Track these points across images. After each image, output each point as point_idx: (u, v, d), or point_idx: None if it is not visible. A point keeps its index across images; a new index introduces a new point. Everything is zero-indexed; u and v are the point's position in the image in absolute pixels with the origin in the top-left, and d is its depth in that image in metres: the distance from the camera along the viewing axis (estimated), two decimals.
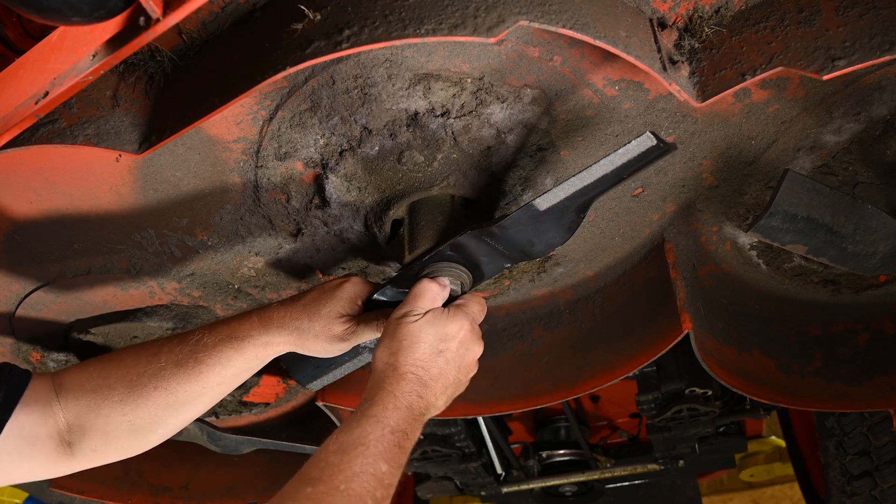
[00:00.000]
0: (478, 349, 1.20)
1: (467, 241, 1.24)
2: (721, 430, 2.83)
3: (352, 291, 1.24)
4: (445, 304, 1.21)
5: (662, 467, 2.99)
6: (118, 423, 1.16)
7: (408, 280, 1.30)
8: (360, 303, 1.25)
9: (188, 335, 1.21)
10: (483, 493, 3.12)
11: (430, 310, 1.16)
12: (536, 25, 0.98)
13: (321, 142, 1.31)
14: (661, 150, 1.09)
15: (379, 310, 1.25)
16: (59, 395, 1.15)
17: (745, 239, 1.59)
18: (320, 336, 1.21)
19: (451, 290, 1.24)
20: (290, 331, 1.21)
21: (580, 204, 1.18)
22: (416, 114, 1.25)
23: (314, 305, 1.22)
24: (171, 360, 1.18)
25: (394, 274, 1.37)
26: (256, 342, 1.20)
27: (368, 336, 1.24)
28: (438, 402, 1.14)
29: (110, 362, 1.20)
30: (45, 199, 1.39)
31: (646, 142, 1.08)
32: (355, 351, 1.40)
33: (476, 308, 1.21)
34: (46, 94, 1.02)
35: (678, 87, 1.10)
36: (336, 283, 1.26)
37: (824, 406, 1.70)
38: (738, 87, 1.09)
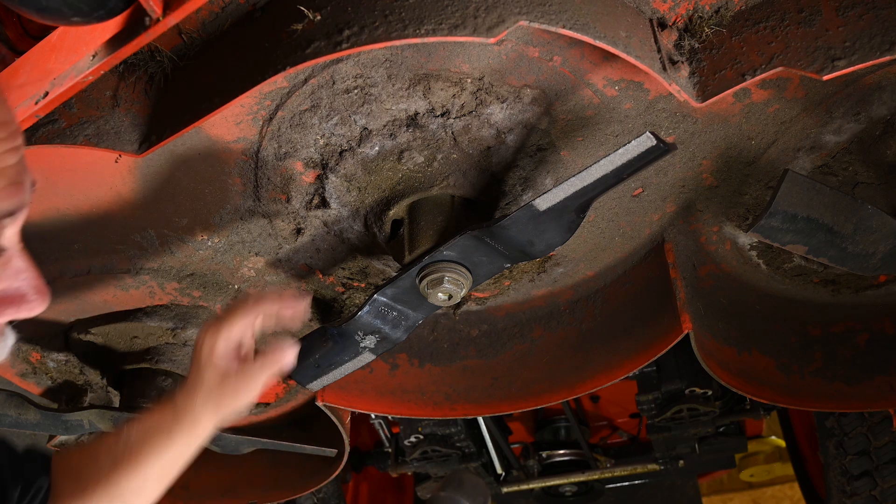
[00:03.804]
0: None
1: (467, 241, 1.24)
2: (721, 430, 2.83)
3: (209, 343, 1.18)
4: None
5: (662, 467, 2.99)
6: None
7: (406, 283, 1.30)
8: (222, 345, 1.19)
9: (120, 432, 1.20)
10: None
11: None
12: (536, 25, 0.98)
13: (321, 142, 1.31)
14: (661, 150, 1.09)
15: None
16: None
17: (745, 239, 1.59)
18: (226, 408, 1.19)
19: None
20: (204, 417, 1.18)
21: (580, 204, 1.18)
22: (416, 114, 1.25)
23: (200, 383, 1.17)
24: (109, 458, 1.17)
25: (394, 274, 1.37)
26: (185, 423, 1.17)
27: (255, 384, 1.19)
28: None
29: (61, 470, 1.21)
30: (45, 199, 1.39)
31: (646, 142, 1.08)
32: (355, 351, 1.40)
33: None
34: (46, 94, 1.02)
35: (678, 87, 1.10)
36: (196, 345, 1.21)
37: (824, 406, 1.70)
38: (738, 88, 1.09)
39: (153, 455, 1.17)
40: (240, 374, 1.17)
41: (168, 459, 1.18)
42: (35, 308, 0.77)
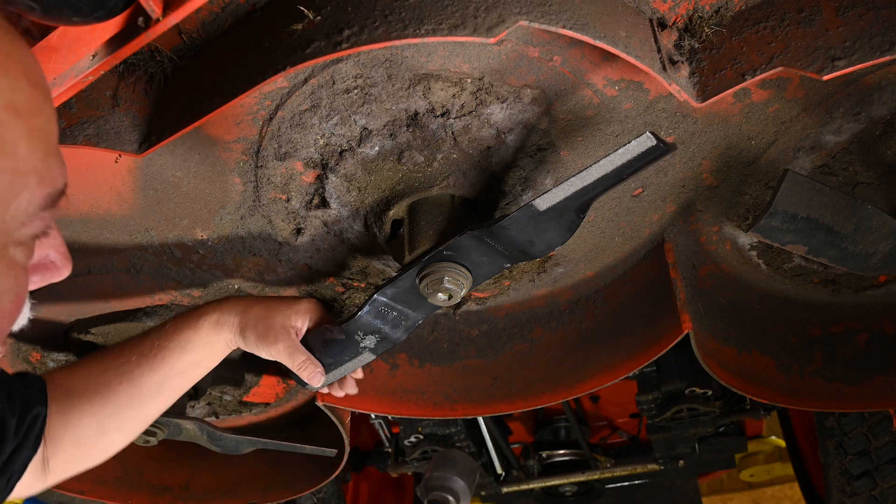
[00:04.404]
0: None
1: (467, 241, 1.24)
2: (721, 430, 2.83)
3: (305, 311, 1.34)
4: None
5: (662, 467, 2.99)
6: (87, 425, 1.17)
7: (406, 283, 1.30)
8: (306, 325, 1.34)
9: (154, 327, 1.27)
10: (483, 493, 3.12)
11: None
12: (536, 25, 0.98)
13: (321, 142, 1.31)
14: (661, 150, 1.09)
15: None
16: None
17: (745, 239, 1.59)
18: (259, 331, 1.30)
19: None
20: (239, 314, 1.29)
21: (580, 204, 1.18)
22: (416, 114, 1.25)
23: (270, 307, 1.31)
24: (136, 351, 1.22)
25: (394, 274, 1.37)
26: (209, 319, 1.26)
27: (284, 360, 1.33)
28: None
29: (76, 366, 1.22)
30: None
31: (646, 142, 1.08)
32: (355, 351, 1.41)
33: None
34: None
35: (678, 87, 1.10)
36: (296, 298, 1.35)
37: (824, 406, 1.70)
38: (738, 88, 1.09)
39: (178, 349, 1.23)
40: (290, 341, 1.31)
41: (189, 355, 1.25)
42: (63, 273, 0.79)
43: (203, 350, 1.26)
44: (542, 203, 1.17)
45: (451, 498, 1.40)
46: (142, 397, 1.21)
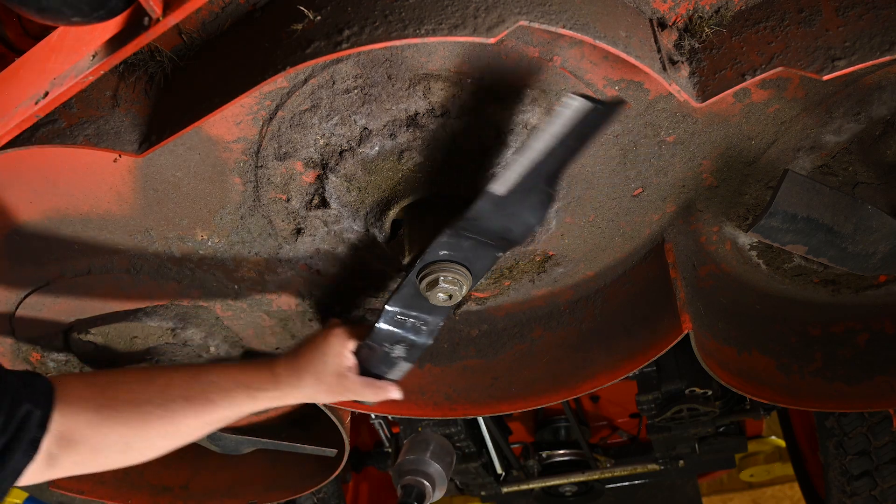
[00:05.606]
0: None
1: (447, 239, 1.24)
2: (721, 430, 2.83)
3: (339, 348, 1.36)
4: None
5: (662, 467, 2.99)
6: (113, 442, 1.16)
7: (410, 290, 1.30)
8: (348, 354, 1.37)
9: (200, 373, 1.27)
10: (483, 493, 3.12)
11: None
12: (536, 25, 0.98)
13: (321, 142, 1.31)
14: (600, 110, 1.03)
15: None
16: (58, 407, 1.12)
17: (745, 239, 1.59)
18: (327, 396, 1.37)
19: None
20: (300, 392, 1.34)
21: (545, 179, 1.14)
22: (416, 114, 1.25)
23: (314, 370, 1.34)
24: (182, 394, 1.21)
25: (394, 276, 1.37)
26: (270, 396, 1.31)
27: (361, 396, 1.39)
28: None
29: (117, 382, 1.20)
30: (45, 199, 1.39)
31: (572, 103, 1.03)
32: (390, 362, 1.41)
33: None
34: (46, 94, 1.02)
35: (678, 87, 1.10)
36: (324, 341, 1.36)
37: (824, 406, 1.70)
38: (738, 88, 1.09)
39: (226, 407, 1.25)
40: (350, 382, 1.35)
41: (235, 413, 1.27)
42: None
43: (247, 410, 1.30)
44: (499, 187, 1.15)
45: (426, 482, 1.37)
46: (178, 434, 1.23)
